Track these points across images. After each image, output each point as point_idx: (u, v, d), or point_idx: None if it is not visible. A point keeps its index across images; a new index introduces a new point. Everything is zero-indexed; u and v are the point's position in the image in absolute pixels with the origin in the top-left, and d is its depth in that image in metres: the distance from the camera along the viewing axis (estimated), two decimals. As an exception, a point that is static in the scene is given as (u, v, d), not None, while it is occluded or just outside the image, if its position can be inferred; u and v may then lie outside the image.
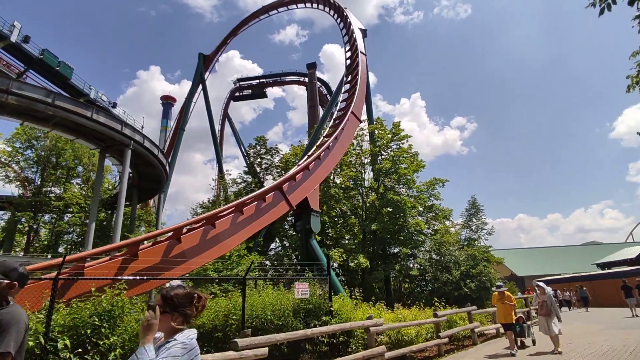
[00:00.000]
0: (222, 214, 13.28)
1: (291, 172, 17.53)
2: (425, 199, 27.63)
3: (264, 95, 75.26)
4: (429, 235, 25.69)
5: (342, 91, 30.81)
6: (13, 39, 33.51)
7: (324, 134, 22.66)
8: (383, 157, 28.14)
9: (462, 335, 13.11)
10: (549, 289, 11.56)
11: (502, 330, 12.84)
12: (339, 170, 28.19)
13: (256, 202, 14.84)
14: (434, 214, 27.32)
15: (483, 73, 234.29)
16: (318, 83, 64.67)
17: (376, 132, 28.84)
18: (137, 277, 8.59)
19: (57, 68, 38.28)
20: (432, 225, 26.86)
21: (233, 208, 13.67)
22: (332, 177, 29.72)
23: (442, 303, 21.35)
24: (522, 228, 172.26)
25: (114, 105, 46.55)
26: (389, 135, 28.75)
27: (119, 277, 7.86)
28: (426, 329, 10.96)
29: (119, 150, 25.51)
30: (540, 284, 11.90)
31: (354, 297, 12.22)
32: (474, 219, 25.97)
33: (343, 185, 27.94)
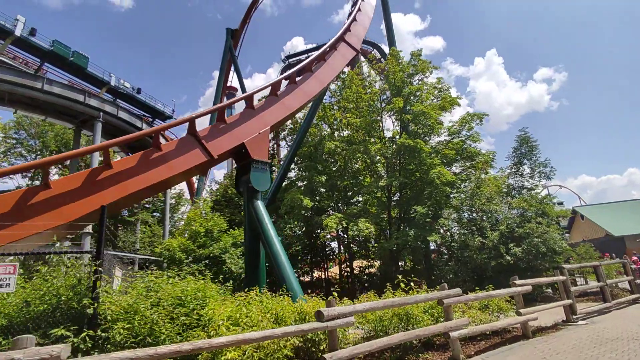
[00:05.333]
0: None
1: (208, 108, 12.85)
2: (459, 144, 20.89)
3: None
4: (462, 189, 19.15)
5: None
6: (18, 32, 33.51)
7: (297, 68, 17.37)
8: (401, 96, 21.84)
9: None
10: None
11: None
12: (339, 119, 22.71)
13: (144, 154, 10.57)
14: (470, 162, 20.51)
15: (568, 12, 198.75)
16: (370, 48, 57.65)
17: (389, 68, 22.51)
18: None
19: (71, 58, 38.22)
20: (470, 176, 20.12)
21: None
22: (335, 127, 24.28)
23: (468, 282, 15.36)
24: (634, 184, 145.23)
25: (139, 91, 45.95)
26: (411, 70, 22.25)
27: None
28: None
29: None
30: None
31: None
32: (525, 160, 18.62)
33: (347, 139, 22.40)
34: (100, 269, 5.29)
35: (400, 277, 8.26)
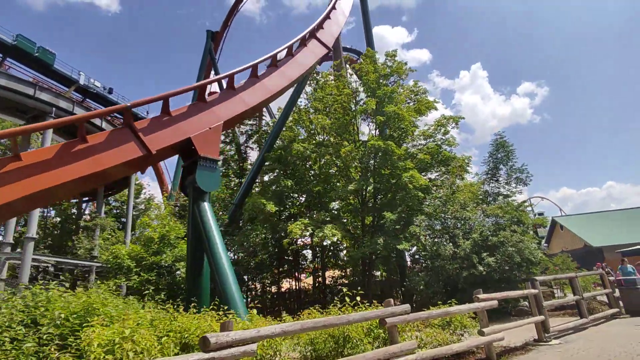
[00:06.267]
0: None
1: (147, 98, 11.55)
2: (435, 149, 19.97)
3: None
4: (435, 194, 18.16)
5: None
6: (-25, 26, 31.67)
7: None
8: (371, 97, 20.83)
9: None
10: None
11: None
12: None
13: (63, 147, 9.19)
14: (446, 167, 19.59)
15: (550, 29, 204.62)
16: (345, 53, 56.98)
17: (362, 68, 21.57)
18: None
19: (36, 54, 36.40)
20: (444, 182, 19.17)
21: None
22: (313, 131, 23.12)
23: (439, 294, 14.26)
24: (612, 197, 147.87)
25: (110, 91, 44.12)
26: (387, 70, 21.33)
27: None
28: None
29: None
30: None
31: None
32: (501, 166, 17.79)
33: (320, 142, 21.24)
34: None
35: (345, 291, 7.04)
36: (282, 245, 20.76)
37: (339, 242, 16.82)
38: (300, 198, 23.93)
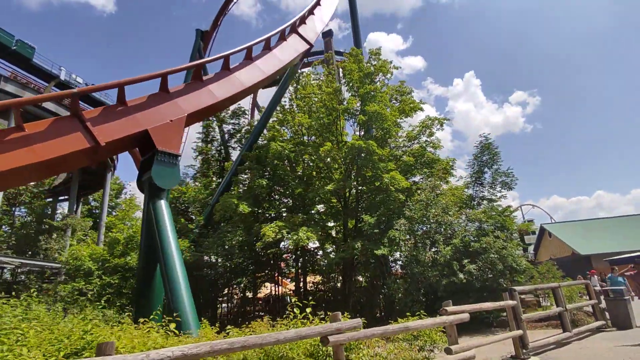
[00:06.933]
0: None
1: (99, 85, 10.65)
2: (419, 150, 19.26)
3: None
4: (417, 196, 17.37)
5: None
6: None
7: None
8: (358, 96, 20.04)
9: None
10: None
11: None
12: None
13: None
14: (430, 170, 18.82)
15: (543, 40, 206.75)
16: (339, 58, 56.66)
17: (345, 66, 20.78)
18: None
19: (14, 48, 35.20)
20: (428, 184, 18.38)
21: None
22: (300, 132, 22.16)
23: (417, 303, 13.42)
24: (602, 206, 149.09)
25: (92, 88, 43.10)
26: (372, 69, 20.56)
27: None
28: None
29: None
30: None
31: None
32: (486, 169, 17.08)
33: (299, 141, 20.34)
34: None
35: (294, 301, 6.16)
36: (264, 249, 19.81)
37: (315, 245, 15.87)
38: (284, 201, 23.07)
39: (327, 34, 60.80)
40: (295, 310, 5.89)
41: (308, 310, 5.89)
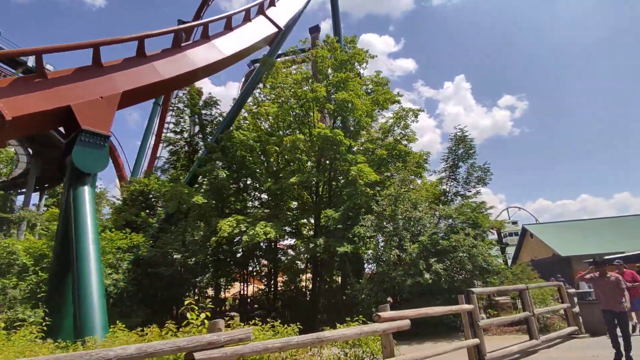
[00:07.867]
0: None
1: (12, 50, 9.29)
2: (393, 144, 18.24)
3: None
4: (387, 189, 16.35)
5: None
6: None
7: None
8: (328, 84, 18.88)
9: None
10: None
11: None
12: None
13: None
14: (402, 163, 17.79)
15: (532, 46, 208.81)
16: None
17: (317, 53, 19.62)
18: None
19: (-24, 31, 33.34)
20: (396, 177, 17.39)
21: None
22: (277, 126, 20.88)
23: (382, 305, 12.36)
24: (586, 209, 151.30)
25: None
26: (346, 57, 19.41)
27: None
28: None
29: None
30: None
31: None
32: (461, 164, 16.13)
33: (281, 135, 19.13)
34: None
35: (189, 303, 4.98)
36: (227, 244, 18.58)
37: (288, 243, 14.74)
38: (259, 196, 21.93)
39: (315, 29, 59.70)
40: (188, 315, 4.72)
41: (202, 315, 4.71)
